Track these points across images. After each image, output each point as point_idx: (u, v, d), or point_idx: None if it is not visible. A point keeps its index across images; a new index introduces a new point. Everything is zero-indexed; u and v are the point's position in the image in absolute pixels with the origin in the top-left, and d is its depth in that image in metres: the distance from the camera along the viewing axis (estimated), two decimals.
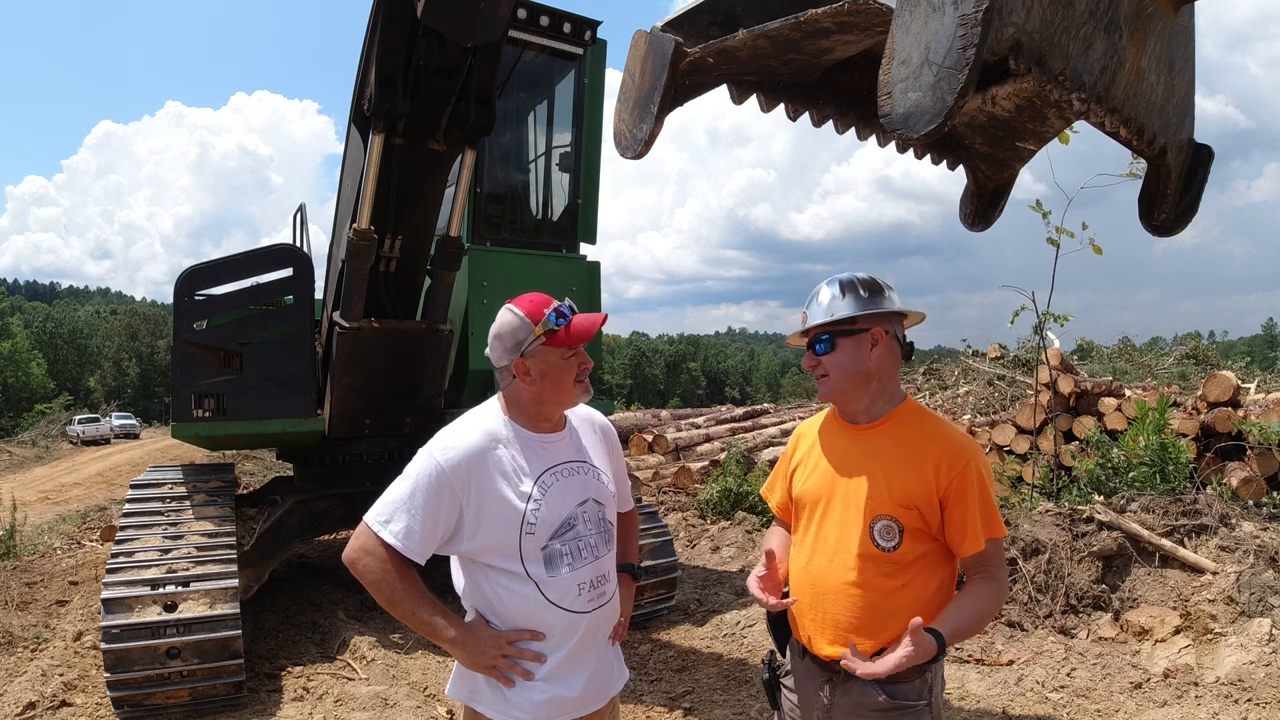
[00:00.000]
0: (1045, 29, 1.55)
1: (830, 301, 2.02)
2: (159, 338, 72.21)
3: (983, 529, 1.95)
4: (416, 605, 1.91)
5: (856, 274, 2.06)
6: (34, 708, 4.36)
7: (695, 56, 1.96)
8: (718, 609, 6.00)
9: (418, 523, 1.89)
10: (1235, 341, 54.19)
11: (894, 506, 1.94)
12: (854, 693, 1.97)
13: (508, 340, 1.99)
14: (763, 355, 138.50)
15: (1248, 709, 3.76)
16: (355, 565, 1.93)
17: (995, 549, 2.00)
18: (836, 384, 2.04)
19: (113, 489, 15.90)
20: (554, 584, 1.97)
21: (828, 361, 2.04)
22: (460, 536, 1.95)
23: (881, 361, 2.02)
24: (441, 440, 1.98)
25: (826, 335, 2.03)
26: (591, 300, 6.58)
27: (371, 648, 5.17)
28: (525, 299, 2.03)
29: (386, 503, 1.94)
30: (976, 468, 1.96)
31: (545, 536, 1.96)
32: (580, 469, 2.08)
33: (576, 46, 6.21)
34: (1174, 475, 6.25)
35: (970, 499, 1.94)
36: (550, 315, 1.97)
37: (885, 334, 2.03)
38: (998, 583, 2.00)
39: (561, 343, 1.98)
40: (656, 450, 11.42)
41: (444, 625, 1.93)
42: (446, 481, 1.90)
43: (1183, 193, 2.02)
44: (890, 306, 2.03)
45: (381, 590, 1.91)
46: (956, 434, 2.03)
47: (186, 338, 5.26)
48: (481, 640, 1.94)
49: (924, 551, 1.96)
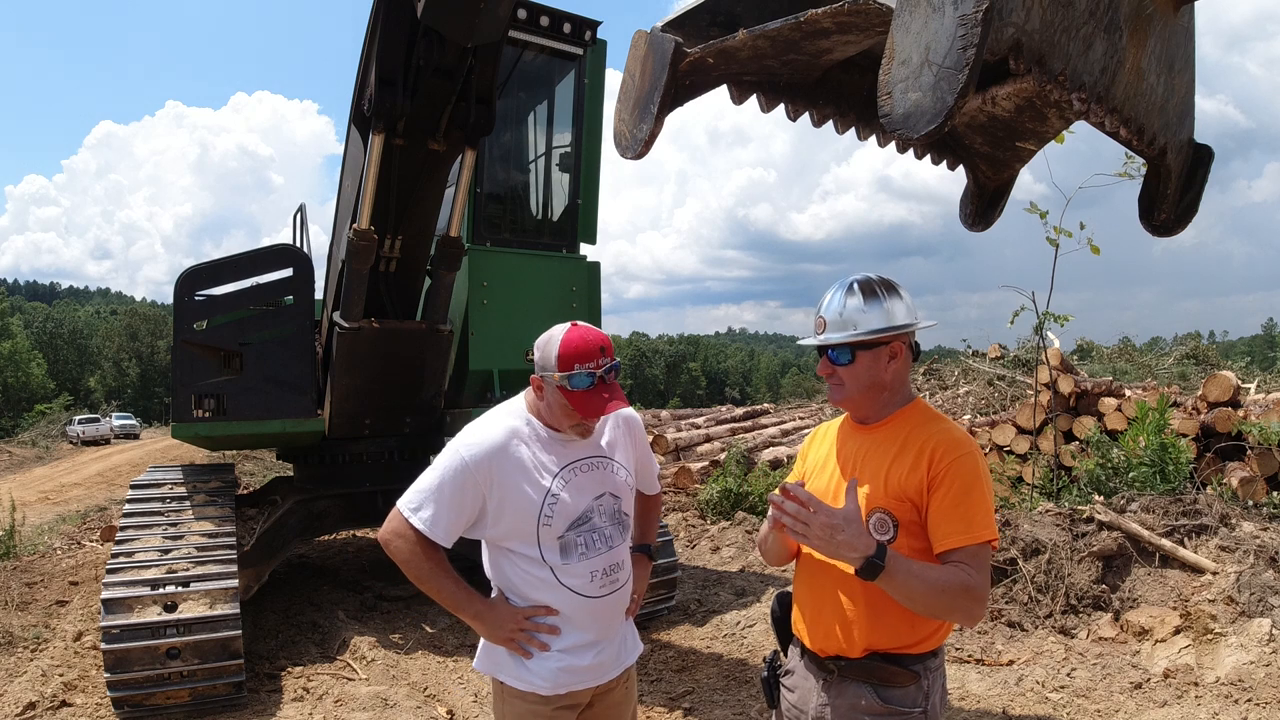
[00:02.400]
0: (1045, 29, 1.55)
1: (853, 312, 1.96)
2: (159, 338, 72.24)
3: (961, 526, 1.83)
4: (441, 583, 2.09)
5: (871, 277, 2.00)
6: (34, 708, 4.36)
7: (695, 57, 1.96)
8: (718, 609, 6.00)
9: (443, 511, 2.05)
10: (1235, 341, 54.23)
11: (889, 499, 1.92)
12: (847, 693, 1.94)
13: (540, 359, 2.10)
14: (763, 355, 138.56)
15: (1248, 709, 3.76)
16: (389, 546, 2.10)
17: (978, 554, 1.84)
18: (850, 394, 2.02)
19: (113, 489, 15.90)
20: (568, 570, 2.11)
21: (844, 373, 2.00)
22: (484, 523, 2.10)
23: (896, 372, 2.00)
24: (467, 436, 2.12)
25: (847, 347, 1.97)
26: (591, 300, 6.57)
27: (371, 648, 5.17)
28: (579, 334, 2.08)
29: (417, 491, 2.09)
30: (970, 463, 1.88)
31: (562, 527, 2.10)
32: (600, 464, 2.20)
33: (576, 47, 6.21)
34: (1174, 475, 6.25)
35: (953, 491, 1.85)
36: (577, 373, 2.04)
37: (904, 346, 2.00)
38: (970, 578, 1.80)
39: (570, 399, 2.07)
40: (656, 450, 11.42)
41: (466, 601, 2.11)
42: (470, 474, 2.05)
43: (1183, 193, 2.02)
44: (911, 320, 1.98)
45: (410, 569, 2.09)
46: (955, 431, 1.98)
47: (186, 338, 5.26)
48: (500, 615, 2.11)
49: (920, 546, 1.91)
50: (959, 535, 1.84)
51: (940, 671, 2.00)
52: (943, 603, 1.80)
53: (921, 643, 1.94)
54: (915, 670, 1.92)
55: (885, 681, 1.91)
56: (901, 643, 1.93)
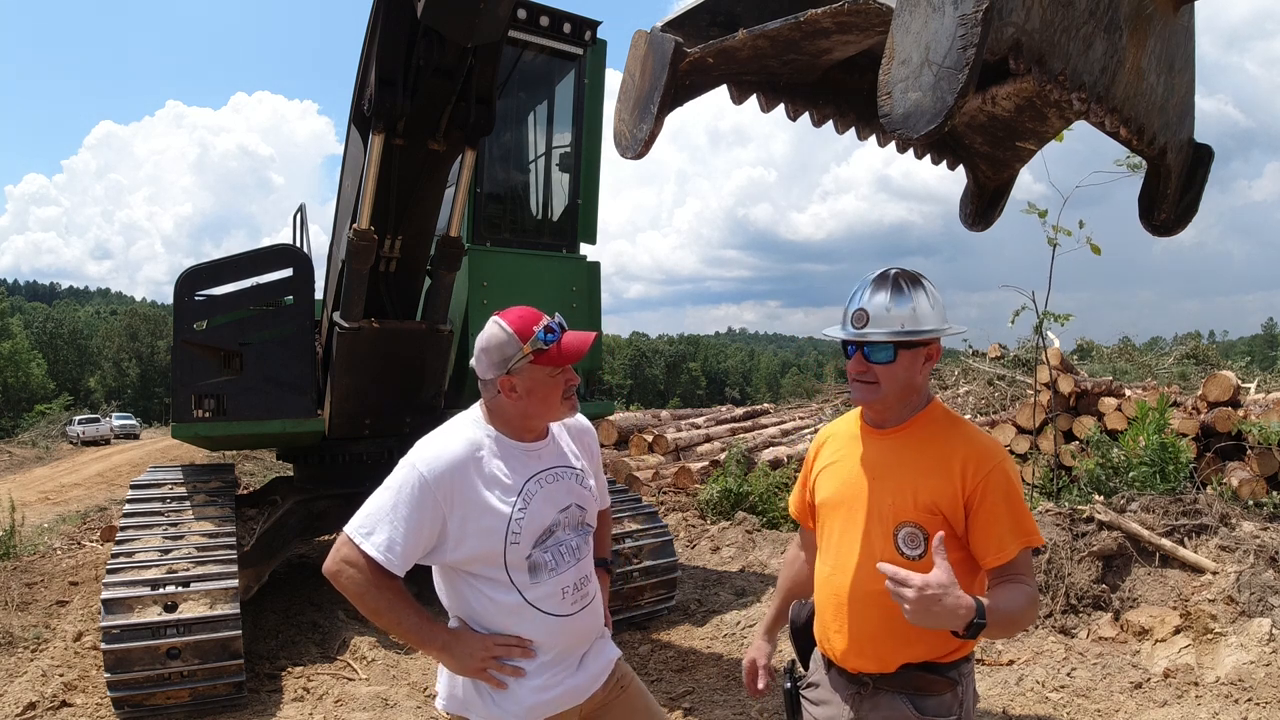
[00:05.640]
0: (1045, 29, 1.55)
1: (900, 307, 1.84)
2: (159, 338, 72.20)
3: (1012, 537, 1.80)
4: (402, 615, 1.90)
5: (909, 270, 1.91)
6: (34, 708, 4.36)
7: (695, 56, 1.96)
8: (718, 609, 6.00)
9: (400, 534, 1.86)
10: (1235, 341, 54.13)
11: (919, 513, 1.83)
12: (882, 706, 1.88)
13: (494, 355, 1.95)
14: (763, 355, 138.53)
15: (1248, 709, 3.76)
16: (338, 578, 1.90)
17: (1026, 559, 1.84)
18: (886, 394, 1.89)
19: (113, 489, 15.89)
20: (537, 590, 1.96)
21: (883, 371, 1.87)
22: (444, 547, 1.93)
23: (927, 373, 1.93)
24: (423, 450, 1.95)
25: (890, 344, 1.85)
26: (591, 300, 6.58)
27: (371, 648, 5.17)
28: (514, 313, 1.97)
29: (367, 514, 1.91)
30: (1004, 471, 1.84)
31: (529, 545, 1.95)
32: (563, 474, 2.07)
33: (576, 47, 6.21)
34: (1174, 475, 6.25)
35: (997, 504, 1.81)
36: (540, 333, 1.92)
37: (939, 347, 1.92)
38: (1033, 589, 1.81)
39: (550, 361, 1.94)
40: (656, 450, 11.42)
41: (430, 633, 1.93)
42: (430, 492, 1.88)
43: (1183, 193, 2.02)
44: (947, 320, 1.90)
45: (365, 603, 1.89)
46: (983, 437, 1.93)
47: (186, 338, 5.26)
48: (468, 645, 1.93)
49: (954, 559, 1.81)
50: (1011, 547, 1.81)
51: (971, 676, 1.95)
52: (1023, 625, 1.80)
53: (957, 650, 1.89)
54: (951, 677, 1.88)
55: (922, 690, 1.86)
56: (938, 653, 1.87)
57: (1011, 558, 1.81)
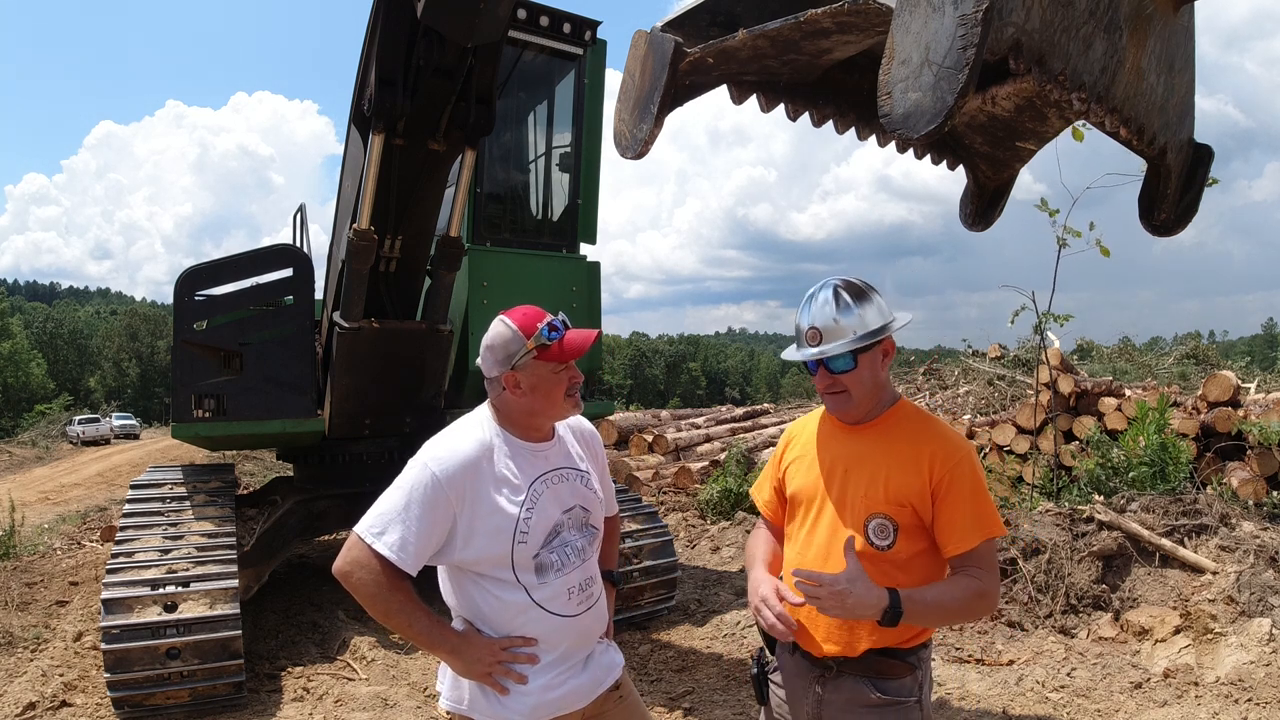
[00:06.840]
0: (1045, 29, 1.55)
1: (848, 316, 1.92)
2: (159, 338, 72.23)
3: (974, 527, 1.90)
4: (412, 617, 1.91)
5: (849, 278, 1.99)
6: (34, 708, 4.36)
7: (695, 56, 1.96)
8: (718, 609, 6.00)
9: (412, 534, 1.87)
10: (1235, 341, 54.12)
11: (888, 504, 1.92)
12: (845, 689, 1.97)
13: (499, 352, 1.98)
14: (763, 355, 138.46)
15: (1248, 709, 3.76)
16: (349, 579, 1.90)
17: (987, 551, 1.93)
18: (857, 398, 1.98)
19: (113, 489, 15.88)
20: (544, 590, 1.98)
21: (848, 379, 1.96)
22: (452, 547, 1.94)
23: (886, 366, 2.01)
24: (434, 450, 1.97)
25: (850, 354, 1.93)
26: (591, 300, 6.58)
27: (371, 648, 5.17)
28: (519, 311, 2.01)
29: (378, 514, 1.91)
30: (970, 464, 1.93)
31: (537, 545, 1.97)
32: (569, 475, 2.09)
33: (576, 47, 6.21)
34: (1174, 475, 6.25)
35: (962, 495, 1.90)
36: (543, 330, 1.95)
37: (892, 341, 2.00)
38: (981, 582, 1.90)
39: (553, 357, 1.97)
40: (656, 450, 11.42)
41: (440, 636, 1.94)
42: (442, 492, 1.89)
43: (1183, 193, 2.02)
44: (891, 314, 1.98)
45: (376, 604, 1.90)
46: (950, 432, 2.03)
47: (186, 338, 5.26)
48: (476, 648, 1.94)
49: (919, 550, 1.95)
50: (972, 537, 1.91)
51: (929, 660, 2.05)
52: (960, 615, 1.95)
53: (917, 636, 1.99)
54: (911, 662, 1.97)
55: (884, 674, 1.94)
56: (900, 639, 1.95)
57: (972, 547, 1.91)
